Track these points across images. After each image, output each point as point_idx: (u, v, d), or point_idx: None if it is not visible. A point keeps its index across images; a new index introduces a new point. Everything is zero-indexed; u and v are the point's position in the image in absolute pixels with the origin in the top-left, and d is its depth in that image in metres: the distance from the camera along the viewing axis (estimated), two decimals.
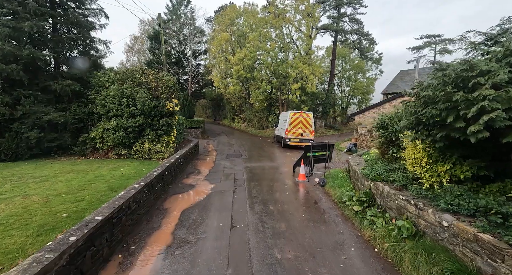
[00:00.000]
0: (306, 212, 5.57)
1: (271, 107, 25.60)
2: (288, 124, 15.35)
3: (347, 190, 6.32)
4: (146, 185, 5.57)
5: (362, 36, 26.66)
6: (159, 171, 6.66)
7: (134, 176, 7.44)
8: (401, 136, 5.18)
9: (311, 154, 7.88)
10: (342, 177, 7.67)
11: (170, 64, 29.56)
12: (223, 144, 17.95)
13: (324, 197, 6.59)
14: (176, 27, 32.62)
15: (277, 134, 18.06)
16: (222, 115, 39.43)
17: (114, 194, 5.69)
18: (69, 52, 10.90)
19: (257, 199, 6.48)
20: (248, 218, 5.26)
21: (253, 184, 7.84)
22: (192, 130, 22.05)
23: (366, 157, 7.48)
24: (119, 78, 10.12)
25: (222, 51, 25.71)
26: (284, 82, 22.24)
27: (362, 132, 15.56)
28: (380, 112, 18.59)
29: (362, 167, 6.09)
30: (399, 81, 23.01)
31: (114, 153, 9.92)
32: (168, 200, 6.40)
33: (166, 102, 10.24)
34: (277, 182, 8.08)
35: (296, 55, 22.89)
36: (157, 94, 10.15)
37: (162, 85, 10.26)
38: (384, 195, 4.63)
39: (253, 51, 20.66)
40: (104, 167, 8.46)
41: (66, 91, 9.53)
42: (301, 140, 15.38)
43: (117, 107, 9.67)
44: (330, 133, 26.63)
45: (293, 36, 23.02)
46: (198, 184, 7.92)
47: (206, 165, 10.92)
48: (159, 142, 10.12)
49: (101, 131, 9.72)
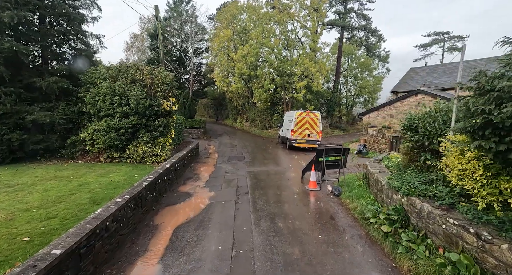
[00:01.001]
0: (322, 231, 4.65)
1: (274, 107, 24.68)
2: (293, 125, 14.42)
3: (369, 203, 5.39)
4: (133, 198, 4.70)
5: (370, 32, 25.62)
6: (151, 180, 5.79)
7: (124, 184, 6.59)
8: (442, 141, 4.24)
9: (324, 159, 6.96)
10: (359, 186, 6.74)
11: (171, 63, 28.81)
12: (225, 145, 17.08)
13: (341, 210, 5.67)
14: (177, 24, 31.85)
15: (282, 135, 17.14)
16: (224, 114, 38.60)
17: (95, 207, 4.85)
18: (59, 47, 10.09)
19: (263, 212, 5.58)
20: (254, 240, 4.36)
21: (258, 193, 6.94)
22: (193, 130, 21.23)
23: (387, 163, 6.54)
24: (111, 75, 9.29)
25: (224, 49, 24.82)
26: (289, 80, 21.30)
27: (372, 132, 14.58)
28: (391, 111, 17.60)
29: (387, 177, 5.16)
30: (409, 79, 21.95)
31: (106, 157, 9.10)
32: (160, 213, 5.52)
33: (162, 101, 9.38)
34: (285, 191, 7.17)
35: (301, 53, 21.93)
36: (153, 92, 9.29)
37: (158, 82, 9.40)
38: (423, 215, 3.70)
39: (256, 47, 19.74)
40: (92, 172, 7.62)
41: (53, 89, 8.72)
42: (308, 141, 14.45)
43: (109, 106, 8.83)
44: (336, 133, 25.66)
45: (298, 33, 22.07)
46: (196, 193, 7.04)
47: (206, 169, 10.05)
48: (155, 145, 9.27)
49: (91, 132, 8.89)
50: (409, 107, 16.53)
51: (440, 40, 45.03)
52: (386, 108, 17.85)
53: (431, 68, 22.07)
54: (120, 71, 9.47)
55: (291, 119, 15.08)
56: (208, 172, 9.49)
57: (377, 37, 26.19)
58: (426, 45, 46.12)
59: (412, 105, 16.35)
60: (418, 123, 5.08)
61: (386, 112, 17.87)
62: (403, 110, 16.85)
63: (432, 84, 19.27)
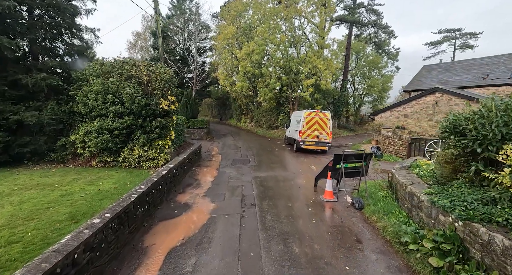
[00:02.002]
0: (349, 260, 3.74)
1: (280, 106, 23.76)
2: (302, 125, 13.50)
3: (402, 222, 4.45)
4: (117, 217, 3.86)
5: (380, 28, 24.50)
6: (142, 191, 4.94)
7: (113, 194, 5.77)
8: (508, 148, 3.29)
9: (342, 165, 6.04)
10: (384, 197, 5.80)
11: (174, 62, 28.21)
12: (229, 146, 16.24)
13: (367, 229, 4.74)
14: (180, 22, 31.24)
15: (289, 136, 16.23)
16: (228, 114, 37.80)
17: (73, 226, 4.03)
18: (50, 41, 9.35)
19: (274, 231, 4.69)
20: (264, 272, 3.48)
21: (266, 205, 6.05)
22: (195, 130, 20.47)
23: (418, 172, 5.58)
24: (105, 71, 8.49)
25: (228, 46, 23.99)
26: (295, 78, 20.36)
27: (387, 134, 13.56)
28: (405, 111, 16.51)
29: (426, 190, 4.22)
30: (423, 77, 20.80)
31: (98, 161, 8.31)
32: (153, 232, 4.67)
33: (160, 100, 8.56)
34: (297, 201, 6.27)
35: (308, 50, 20.96)
36: (150, 90, 8.47)
37: (155, 79, 8.58)
38: (494, 249, 2.76)
39: (261, 44, 18.85)
40: (80, 179, 6.82)
41: (41, 86, 7.96)
42: (317, 143, 13.52)
43: (101, 105, 8.04)
44: (345, 134, 24.64)
45: (305, 29, 21.10)
46: (196, 203, 6.19)
47: (208, 174, 9.20)
48: (152, 147, 8.45)
49: (82, 134, 8.11)
50: (426, 106, 15.46)
51: (451, 37, 43.58)
52: (400, 108, 16.77)
53: (446, 65, 20.89)
54: (115, 67, 8.67)
55: (299, 119, 14.16)
56: (210, 178, 8.64)
57: (388, 34, 25.05)
58: (437, 42, 44.72)
59: (429, 104, 15.26)
60: (466, 124, 4.12)
61: (400, 112, 16.78)
62: (419, 109, 15.78)
63: (448, 82, 18.12)
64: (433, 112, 15.11)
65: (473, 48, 41.89)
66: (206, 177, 8.77)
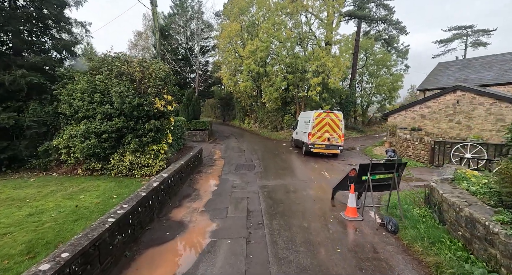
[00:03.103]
0: None
1: (286, 106, 22.68)
2: (311, 127, 12.43)
3: (460, 257, 3.37)
4: (80, 255, 2.85)
5: (391, 24, 23.25)
6: (123, 212, 3.93)
7: (93, 212, 4.78)
8: None
9: (370, 177, 4.97)
10: (422, 217, 4.71)
11: (176, 61, 27.45)
12: (232, 149, 15.24)
13: (411, 265, 3.65)
14: (183, 21, 30.49)
15: (296, 138, 15.16)
16: (232, 115, 36.86)
17: (27, 263, 3.03)
18: (36, 35, 8.46)
19: (290, 266, 3.64)
20: None
21: (277, 224, 5.00)
22: (197, 132, 19.54)
23: (469, 187, 4.47)
24: (93, 67, 7.55)
25: (231, 44, 23.02)
26: (302, 77, 19.28)
27: (405, 136, 12.39)
28: (422, 111, 15.32)
29: (498, 218, 3.14)
30: (438, 74, 19.55)
31: (85, 168, 7.36)
32: (135, 265, 3.66)
33: (155, 99, 7.59)
34: (314, 221, 5.20)
35: (316, 48, 19.86)
36: (143, 88, 7.51)
37: (149, 76, 7.61)
38: None
39: (266, 41, 17.82)
40: (59, 191, 5.86)
41: (20, 84, 7.05)
42: (328, 146, 12.43)
43: (88, 105, 7.09)
44: (354, 135, 23.46)
45: (312, 25, 20.00)
46: (193, 222, 5.17)
47: (209, 182, 8.20)
48: (145, 153, 7.47)
49: (67, 138, 7.17)
50: (445, 106, 14.26)
51: (462, 34, 42.08)
52: (416, 108, 15.58)
53: (464, 62, 19.60)
54: (104, 62, 7.72)
55: (308, 120, 13.09)
56: (211, 187, 7.64)
57: (399, 30, 23.76)
58: (447, 40, 43.29)
59: (449, 103, 14.05)
60: None
61: (416, 112, 15.59)
62: (437, 109, 14.58)
63: (468, 80, 16.87)
64: (454, 112, 13.91)
65: (486, 46, 40.34)
66: (207, 186, 7.77)
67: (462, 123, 13.59)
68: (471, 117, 13.26)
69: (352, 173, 6.04)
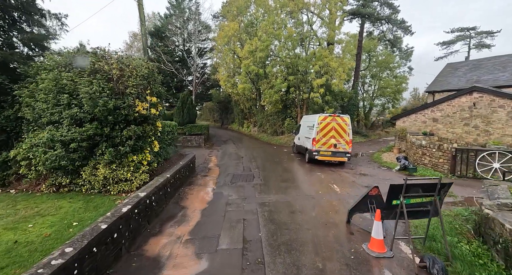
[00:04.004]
0: None
1: (287, 110, 21.56)
2: (316, 132, 11.27)
3: None
4: None
5: (395, 24, 22.29)
6: (62, 262, 2.73)
7: (35, 252, 3.58)
8: None
9: (403, 201, 3.79)
10: (475, 256, 3.53)
11: (173, 63, 26.45)
12: (229, 156, 14.05)
13: None
14: (180, 22, 29.61)
15: (298, 144, 13.99)
16: (230, 119, 35.72)
17: None
18: None
19: None
20: None
21: (282, 265, 3.79)
22: (193, 137, 18.34)
23: None
24: (61, 63, 6.39)
25: (229, 45, 21.98)
26: (304, 78, 18.19)
27: (420, 142, 11.22)
28: (434, 115, 14.20)
29: None
30: (447, 76, 18.52)
31: (49, 184, 6.14)
32: None
33: (135, 101, 6.42)
34: (331, 259, 3.98)
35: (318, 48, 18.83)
36: (121, 88, 6.34)
37: (129, 74, 6.45)
38: None
39: (266, 40, 16.75)
40: (5, 217, 4.64)
41: None
42: (334, 153, 11.25)
43: (52, 108, 5.91)
44: (357, 140, 22.25)
45: (314, 24, 18.98)
46: (172, 259, 3.96)
47: (199, 197, 7.00)
48: (122, 165, 6.27)
49: (27, 148, 5.97)
50: (460, 109, 13.16)
51: (465, 36, 41.32)
52: (427, 111, 14.47)
53: (475, 63, 18.56)
54: (76, 58, 6.56)
55: (311, 125, 11.94)
56: (201, 204, 6.44)
57: (404, 30, 22.79)
58: (450, 42, 42.53)
59: (465, 106, 12.95)
60: None
61: (427, 116, 14.48)
62: (451, 112, 13.47)
63: (480, 81, 15.79)
64: (470, 116, 12.80)
65: (490, 47, 39.56)
66: (197, 202, 6.56)
67: (480, 128, 12.47)
68: (489, 121, 12.15)
69: (373, 191, 4.87)
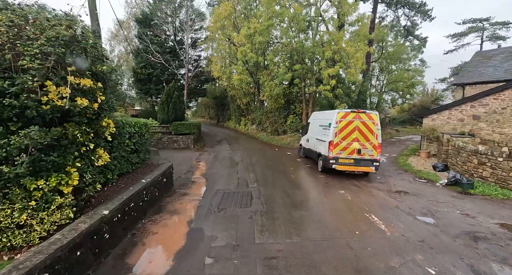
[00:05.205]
0: None
1: (290, 105, 18.78)
2: (333, 133, 8.52)
3: None
4: None
5: (413, 7, 19.44)
6: None
7: None
8: None
9: None
10: None
11: (163, 54, 23.55)
12: (222, 161, 11.30)
13: None
14: (170, 9, 26.66)
15: (307, 147, 11.24)
16: (227, 115, 32.89)
17: None
18: None
19: None
20: None
21: None
22: (179, 138, 15.49)
23: None
24: None
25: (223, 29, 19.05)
26: (311, 68, 15.39)
27: (473, 147, 8.47)
28: (474, 111, 11.44)
29: None
30: (479, 66, 15.85)
31: None
32: None
33: (47, 84, 3.59)
34: None
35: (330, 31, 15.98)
36: (10, 59, 3.49)
37: (26, 37, 3.60)
38: None
39: (266, 19, 13.86)
40: None
41: None
42: (358, 161, 8.52)
43: None
44: None
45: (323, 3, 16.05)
46: None
47: (164, 242, 4.22)
48: (11, 201, 3.45)
49: None
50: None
51: (478, 28, 38.59)
52: (465, 106, 11.76)
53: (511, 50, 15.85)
54: None
55: (326, 124, 9.17)
56: (162, 261, 3.65)
57: (423, 14, 19.98)
58: (461, 34, 39.85)
59: None
60: None
61: (465, 112, 11.78)
62: (500, 108, 10.77)
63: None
64: None
65: (506, 40, 36.91)
66: (156, 258, 3.79)
67: None
68: None
69: None
